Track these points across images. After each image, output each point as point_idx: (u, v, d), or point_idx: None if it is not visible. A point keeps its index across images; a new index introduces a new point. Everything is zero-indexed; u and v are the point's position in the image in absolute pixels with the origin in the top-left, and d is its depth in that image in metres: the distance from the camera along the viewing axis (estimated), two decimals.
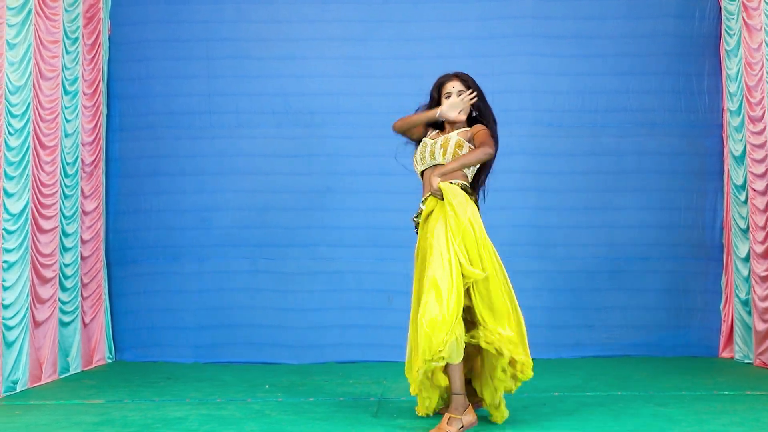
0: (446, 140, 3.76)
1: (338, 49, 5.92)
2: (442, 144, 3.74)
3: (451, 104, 3.72)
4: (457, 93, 3.78)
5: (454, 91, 3.79)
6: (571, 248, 5.85)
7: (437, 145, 3.78)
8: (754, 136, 5.35)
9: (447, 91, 3.81)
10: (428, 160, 3.81)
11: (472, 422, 3.63)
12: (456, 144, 3.74)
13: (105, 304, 5.82)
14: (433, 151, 3.77)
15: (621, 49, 5.89)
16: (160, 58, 5.92)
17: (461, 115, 3.82)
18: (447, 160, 3.74)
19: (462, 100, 3.73)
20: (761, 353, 5.33)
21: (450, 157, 3.73)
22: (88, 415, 4.03)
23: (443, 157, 3.74)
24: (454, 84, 3.81)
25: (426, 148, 3.84)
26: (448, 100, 3.79)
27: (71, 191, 5.39)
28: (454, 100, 3.73)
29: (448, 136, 3.79)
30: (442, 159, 3.75)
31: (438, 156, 3.76)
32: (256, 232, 5.87)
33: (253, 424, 3.81)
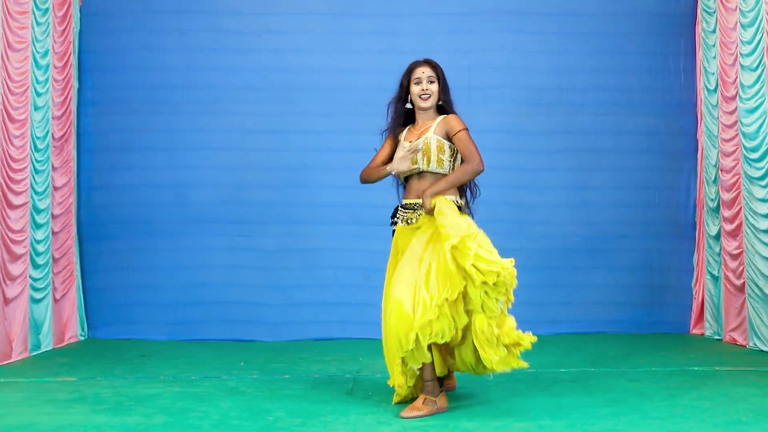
0: (426, 145, 3.76)
1: (318, 23, 5.87)
2: (425, 151, 3.75)
3: (400, 158, 3.75)
4: (426, 78, 3.80)
5: (423, 77, 3.80)
6: (548, 226, 5.89)
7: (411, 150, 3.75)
8: (725, 116, 5.40)
9: (416, 76, 3.82)
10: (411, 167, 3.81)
11: (443, 407, 3.66)
12: (437, 149, 3.75)
13: (77, 280, 5.77)
14: (414, 158, 3.76)
15: (599, 28, 5.90)
16: (134, 30, 5.83)
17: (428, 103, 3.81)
18: (432, 168, 3.77)
19: (410, 152, 3.75)
20: (731, 330, 5.42)
21: (435, 164, 3.76)
22: (60, 392, 4.01)
23: (427, 165, 3.77)
24: (423, 69, 3.82)
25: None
26: (396, 154, 3.78)
27: (42, 166, 5.30)
28: (402, 154, 3.74)
29: (427, 138, 3.78)
30: (426, 167, 3.78)
31: (421, 164, 3.77)
32: (233, 208, 5.84)
33: (227, 402, 3.81)
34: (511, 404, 3.74)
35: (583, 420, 3.41)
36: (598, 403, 3.72)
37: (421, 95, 3.81)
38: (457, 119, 3.80)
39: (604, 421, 3.39)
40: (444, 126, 3.79)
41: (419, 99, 3.81)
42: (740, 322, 5.31)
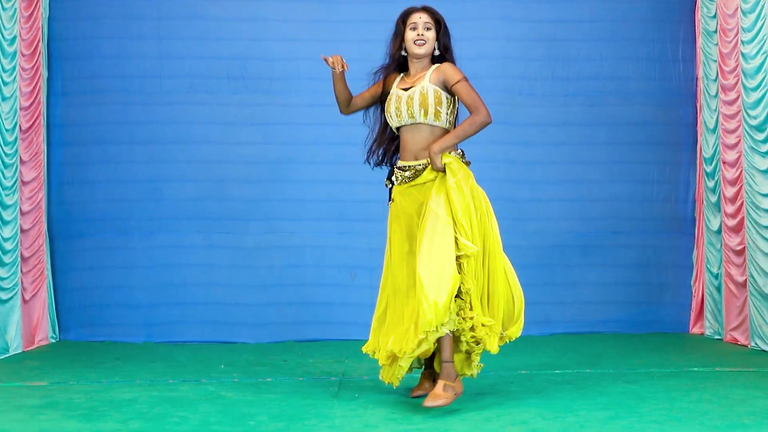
0: (423, 96, 3.66)
1: (301, 10, 5.78)
2: (421, 102, 3.65)
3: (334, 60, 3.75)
4: (423, 24, 3.71)
5: (420, 22, 3.72)
6: (542, 222, 5.83)
7: (414, 102, 3.66)
8: (726, 106, 5.33)
9: (412, 21, 3.74)
10: (406, 118, 3.71)
11: (460, 392, 3.63)
12: (435, 100, 3.66)
13: (48, 280, 5.63)
14: (411, 107, 3.67)
15: (595, 14, 5.84)
16: (107, 17, 5.71)
17: (422, 50, 3.72)
18: (429, 120, 3.68)
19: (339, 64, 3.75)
20: (732, 329, 5.35)
21: (432, 117, 3.66)
22: (30, 398, 3.91)
23: (425, 117, 3.67)
24: (420, 15, 3.74)
25: (401, 102, 3.71)
26: (388, 104, 3.73)
27: (11, 160, 5.15)
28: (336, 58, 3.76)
29: (422, 88, 3.67)
30: (424, 119, 3.68)
31: (418, 115, 3.67)
32: (211, 204, 5.75)
33: (207, 406, 3.74)
34: (504, 407, 3.68)
35: (578, 423, 3.35)
36: (593, 405, 3.67)
37: (415, 41, 3.71)
38: (453, 67, 3.69)
39: (601, 424, 3.34)
40: (439, 75, 3.68)
41: (413, 45, 3.71)
42: (742, 321, 5.24)
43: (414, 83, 3.71)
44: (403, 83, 3.77)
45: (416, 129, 3.70)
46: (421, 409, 3.66)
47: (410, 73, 3.79)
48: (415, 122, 3.69)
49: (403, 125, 3.74)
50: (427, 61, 3.76)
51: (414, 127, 3.70)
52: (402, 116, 3.71)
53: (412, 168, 3.72)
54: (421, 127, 3.69)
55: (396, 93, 3.74)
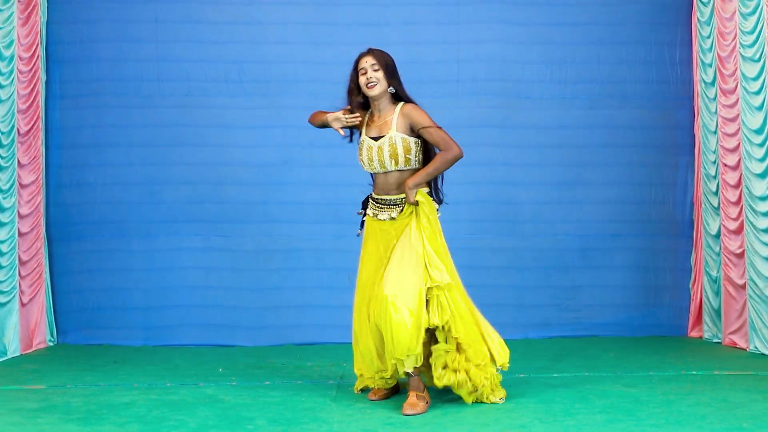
0: (392, 147, 3.85)
1: (298, 13, 5.77)
2: (391, 154, 3.85)
3: (335, 117, 3.92)
4: (371, 67, 3.89)
5: (367, 66, 3.90)
6: (539, 225, 5.82)
7: (384, 153, 3.86)
8: (725, 109, 5.32)
9: (360, 67, 3.94)
10: (377, 167, 3.92)
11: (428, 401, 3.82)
12: (404, 149, 3.86)
13: (46, 283, 5.62)
14: (381, 158, 3.87)
15: (591, 18, 5.84)
16: (105, 20, 5.70)
17: (376, 91, 3.89)
18: (399, 167, 3.88)
19: (344, 119, 3.90)
20: (732, 332, 5.34)
21: (402, 164, 3.87)
22: (27, 401, 3.91)
23: (395, 166, 3.88)
24: (366, 59, 3.93)
25: (372, 152, 3.90)
26: (333, 114, 3.93)
27: (7, 162, 5.15)
28: (337, 115, 3.92)
29: (391, 139, 3.86)
30: (394, 167, 3.89)
31: (389, 165, 3.88)
32: (210, 207, 5.74)
33: (205, 410, 3.73)
34: (502, 410, 3.67)
35: (576, 427, 3.35)
36: (592, 409, 3.66)
37: (367, 84, 3.90)
38: (418, 111, 3.89)
39: (599, 427, 3.34)
40: (405, 119, 3.88)
41: (366, 88, 3.90)
42: (741, 324, 5.23)
43: (381, 131, 3.90)
44: (371, 130, 3.95)
45: (387, 174, 3.92)
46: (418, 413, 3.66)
47: (374, 116, 3.98)
48: (387, 171, 3.90)
49: (376, 173, 3.96)
50: (388, 101, 3.94)
51: (384, 173, 3.92)
52: (374, 165, 3.91)
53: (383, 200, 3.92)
54: (390, 173, 3.91)
55: (367, 142, 3.93)
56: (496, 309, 5.74)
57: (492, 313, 5.72)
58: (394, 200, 3.89)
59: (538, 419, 3.49)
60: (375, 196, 3.96)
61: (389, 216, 3.88)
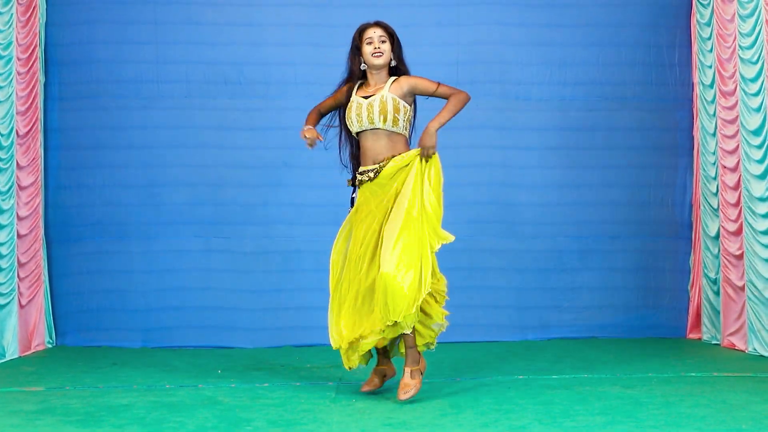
0: (383, 104, 3.92)
1: (297, 15, 5.76)
2: (381, 109, 3.90)
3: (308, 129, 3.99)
4: (378, 38, 3.96)
5: (375, 36, 3.96)
6: (538, 226, 5.81)
7: (375, 108, 3.92)
8: (725, 111, 5.31)
9: (368, 36, 3.98)
10: (366, 123, 3.97)
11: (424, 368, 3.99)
12: (393, 108, 3.92)
13: (44, 285, 5.60)
14: (371, 114, 3.93)
15: (590, 19, 5.83)
16: (104, 22, 5.69)
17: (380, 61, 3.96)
18: (388, 126, 3.93)
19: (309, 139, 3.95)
20: (730, 334, 5.33)
21: (390, 123, 3.93)
22: (26, 403, 3.89)
23: (383, 123, 3.93)
24: (375, 30, 4.00)
25: (362, 109, 3.96)
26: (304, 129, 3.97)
27: (6, 164, 5.13)
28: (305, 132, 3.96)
29: (382, 96, 3.93)
30: (383, 125, 3.94)
31: (378, 121, 3.94)
32: (209, 209, 5.73)
33: (204, 411, 3.71)
34: (501, 412, 3.66)
35: (575, 428, 3.34)
36: (591, 410, 3.66)
37: (373, 53, 3.96)
38: (420, 77, 3.98)
39: (598, 429, 3.33)
40: (400, 85, 3.95)
41: (371, 57, 3.97)
42: (740, 326, 5.22)
43: (374, 92, 3.98)
44: (363, 92, 4.03)
45: (375, 134, 3.96)
46: (418, 413, 3.66)
47: (369, 84, 4.05)
48: (375, 128, 3.95)
49: (363, 130, 4.00)
50: (385, 73, 4.02)
51: (373, 132, 3.97)
52: (362, 122, 3.96)
53: (371, 170, 3.97)
54: (379, 132, 3.96)
55: (356, 100, 4.00)
56: (495, 310, 5.77)
57: (490, 315, 5.78)
58: (383, 165, 3.94)
59: (537, 420, 3.48)
60: (363, 168, 4.01)
61: (378, 169, 3.91)
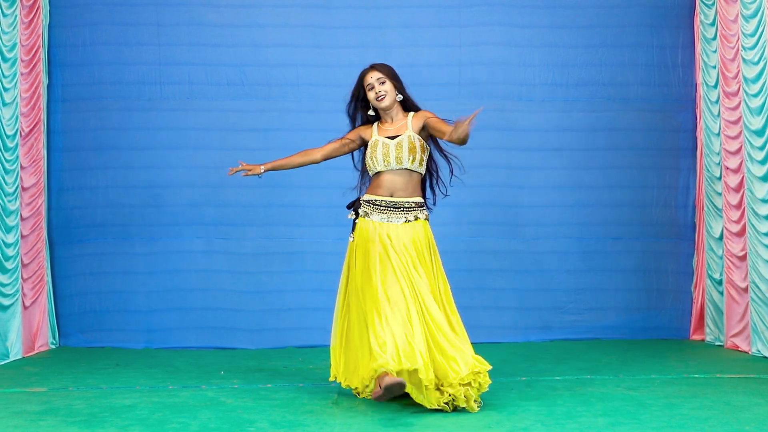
0: (411, 144, 3.96)
1: (299, 16, 5.76)
2: (410, 149, 3.95)
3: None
4: (377, 81, 4.01)
5: (373, 80, 4.01)
6: (541, 228, 5.81)
7: (404, 148, 3.96)
8: (728, 112, 5.30)
9: (367, 83, 4.04)
10: (393, 164, 3.99)
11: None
12: (421, 148, 3.99)
13: (47, 286, 5.61)
14: (399, 155, 3.96)
15: (593, 20, 5.83)
16: (107, 24, 5.70)
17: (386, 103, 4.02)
18: (414, 166, 3.98)
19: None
20: (733, 335, 5.32)
21: (417, 164, 3.99)
22: (29, 404, 3.90)
23: (411, 163, 3.97)
24: (371, 74, 4.04)
25: (389, 149, 3.98)
26: (381, 149, 3.96)
27: (12, 166, 5.14)
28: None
29: (410, 137, 3.98)
30: (410, 165, 3.98)
31: (406, 162, 3.97)
32: (211, 210, 5.73)
33: (207, 412, 3.72)
34: (504, 413, 3.66)
35: (578, 430, 3.33)
36: (594, 412, 3.65)
37: (377, 98, 4.03)
38: (428, 112, 4.04)
39: (601, 430, 3.32)
40: (418, 120, 4.02)
41: (376, 101, 4.04)
42: (743, 327, 5.21)
43: (398, 131, 4.01)
44: (385, 132, 4.06)
45: (399, 173, 4.00)
46: (420, 415, 3.65)
47: (386, 122, 4.09)
48: (403, 168, 3.99)
49: (387, 170, 4.01)
50: (398, 109, 4.08)
51: (398, 171, 4.00)
52: (390, 162, 3.98)
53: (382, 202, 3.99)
54: (403, 171, 4.00)
55: (382, 141, 4.02)
56: (497, 312, 5.76)
57: (493, 316, 5.77)
58: (399, 203, 3.97)
59: (540, 422, 3.47)
60: (373, 198, 4.00)
61: (396, 219, 3.94)
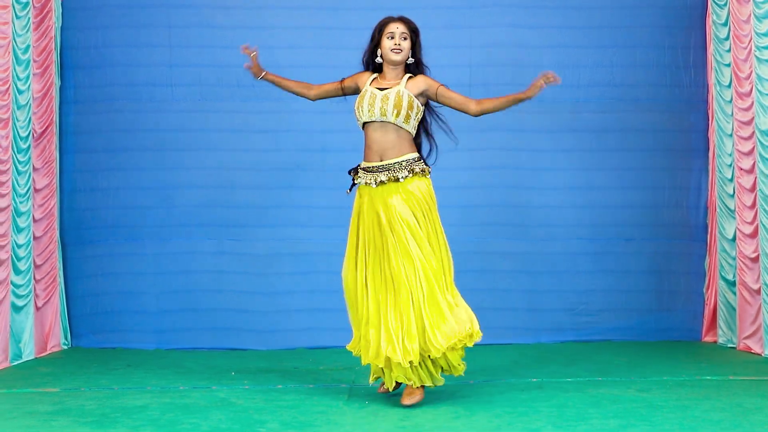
0: (398, 97, 3.86)
1: (309, 18, 5.76)
2: (396, 103, 3.84)
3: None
4: (400, 34, 3.91)
5: (396, 32, 3.91)
6: (551, 229, 5.78)
7: (390, 101, 3.86)
8: (741, 113, 5.26)
9: (389, 31, 3.93)
10: (378, 115, 3.88)
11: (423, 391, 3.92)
12: (408, 105, 3.87)
13: (60, 287, 5.63)
14: (384, 106, 3.85)
15: (604, 21, 5.80)
16: (118, 26, 5.72)
17: (399, 57, 3.92)
18: (399, 121, 3.87)
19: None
20: (746, 337, 5.28)
21: (402, 119, 3.86)
22: (41, 404, 3.92)
23: (395, 117, 3.86)
24: (397, 25, 3.95)
25: (375, 99, 3.89)
26: (382, 99, 3.86)
27: (24, 167, 5.17)
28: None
29: (399, 91, 3.87)
30: (394, 119, 3.87)
31: (390, 115, 3.86)
32: (222, 211, 5.73)
33: (218, 413, 3.72)
34: (515, 415, 3.65)
35: None
36: (605, 414, 3.64)
37: (392, 49, 3.91)
38: (430, 78, 3.96)
39: None
40: (416, 84, 3.92)
41: (390, 52, 3.91)
42: (756, 329, 5.17)
43: (390, 86, 3.92)
44: (378, 83, 3.96)
45: (384, 128, 3.88)
46: (431, 416, 3.66)
47: (385, 77, 3.99)
48: (385, 120, 3.86)
49: (372, 121, 3.90)
50: (401, 69, 3.97)
51: (382, 125, 3.88)
52: (374, 113, 3.88)
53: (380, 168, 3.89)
54: (388, 126, 3.87)
55: (370, 90, 3.93)
56: (507, 313, 5.74)
57: (503, 317, 5.75)
58: (388, 165, 3.87)
59: (551, 424, 3.46)
60: (366, 165, 3.94)
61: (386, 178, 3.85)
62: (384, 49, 3.92)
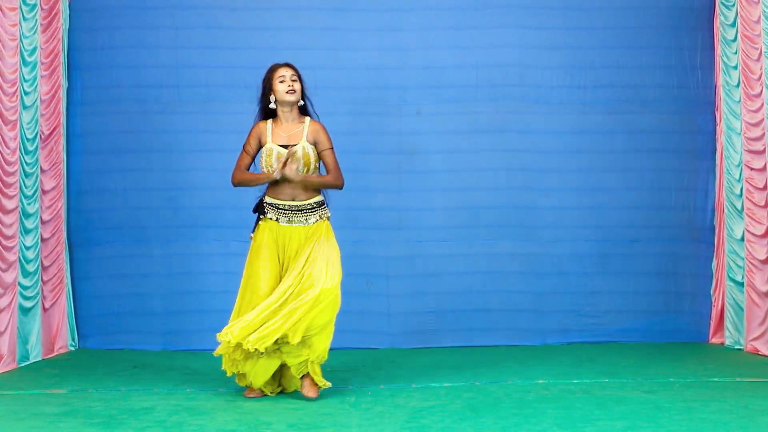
0: (306, 156, 4.18)
1: (315, 19, 5.76)
2: (305, 162, 4.17)
3: (294, 171, 4.13)
4: (290, 77, 4.21)
5: (287, 75, 4.20)
6: (558, 230, 5.76)
7: (300, 161, 4.16)
8: (750, 114, 5.24)
9: (280, 74, 4.22)
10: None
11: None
12: (314, 158, 4.21)
13: (67, 288, 5.63)
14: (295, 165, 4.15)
15: (611, 22, 5.78)
16: (124, 27, 5.72)
17: (293, 98, 4.20)
18: (310, 173, 4.22)
19: (294, 161, 4.13)
20: (754, 339, 5.26)
21: (312, 170, 4.23)
22: (49, 405, 3.93)
23: (306, 172, 4.20)
24: (287, 70, 4.25)
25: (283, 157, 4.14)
26: (286, 165, 4.10)
27: (32, 169, 5.17)
28: (293, 166, 4.13)
29: (305, 147, 4.18)
30: (306, 173, 4.20)
31: (302, 170, 4.18)
32: (228, 212, 5.70)
33: (225, 415, 3.74)
34: (521, 416, 3.65)
35: None
36: (611, 415, 3.64)
37: (287, 91, 4.19)
38: (326, 134, 4.25)
39: None
40: (314, 134, 4.23)
41: (285, 94, 4.19)
42: (763, 330, 5.14)
43: (291, 140, 4.20)
44: (278, 137, 4.23)
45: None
46: (437, 417, 3.65)
47: (281, 124, 4.26)
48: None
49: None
50: (296, 113, 4.26)
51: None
52: None
53: (285, 206, 4.19)
54: (306, 177, 4.19)
55: (276, 150, 4.19)
56: (514, 314, 5.74)
57: (510, 319, 5.74)
58: (302, 206, 4.16)
59: (557, 425, 3.46)
60: (278, 201, 4.17)
61: (304, 221, 4.17)
62: (278, 92, 4.19)
